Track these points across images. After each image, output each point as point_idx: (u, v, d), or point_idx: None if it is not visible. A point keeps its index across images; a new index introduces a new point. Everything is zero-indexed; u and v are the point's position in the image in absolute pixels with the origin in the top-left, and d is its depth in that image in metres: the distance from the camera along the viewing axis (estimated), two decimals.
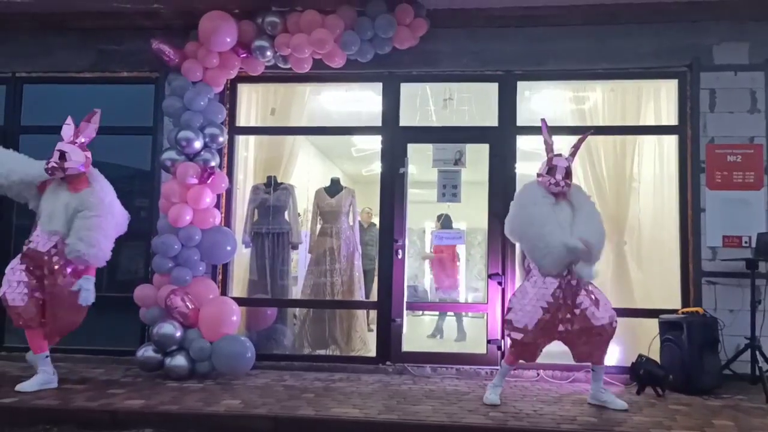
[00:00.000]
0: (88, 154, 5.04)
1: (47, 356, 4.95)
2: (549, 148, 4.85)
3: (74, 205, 4.84)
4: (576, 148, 4.91)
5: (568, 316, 4.60)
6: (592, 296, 4.65)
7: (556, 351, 5.15)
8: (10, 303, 4.80)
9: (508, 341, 4.80)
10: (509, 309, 4.74)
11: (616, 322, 4.68)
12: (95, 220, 4.80)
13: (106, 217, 4.87)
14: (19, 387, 4.79)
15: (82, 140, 5.01)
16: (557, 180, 4.66)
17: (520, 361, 4.80)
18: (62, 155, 4.84)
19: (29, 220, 5.12)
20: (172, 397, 4.73)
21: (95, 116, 5.07)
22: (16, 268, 4.87)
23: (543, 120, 4.95)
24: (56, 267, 4.81)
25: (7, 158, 5.02)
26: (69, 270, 4.86)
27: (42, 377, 4.90)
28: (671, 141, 6.09)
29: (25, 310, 4.79)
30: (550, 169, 4.70)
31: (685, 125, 5.91)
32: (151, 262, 5.76)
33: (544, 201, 4.67)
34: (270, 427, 4.23)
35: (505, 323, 4.74)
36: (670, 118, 6.07)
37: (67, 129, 5.01)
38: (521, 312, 4.63)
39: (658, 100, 6.27)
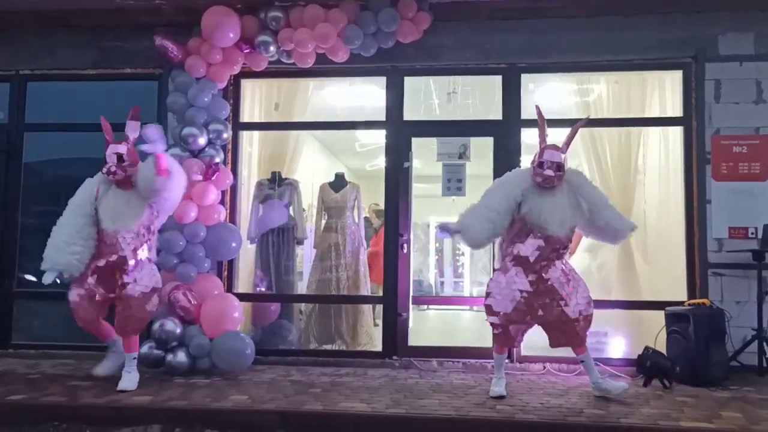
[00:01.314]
0: (135, 152, 5.04)
1: (114, 340, 5.07)
2: (542, 138, 4.83)
3: (134, 195, 4.92)
4: (570, 138, 4.87)
5: (547, 301, 4.61)
6: (568, 286, 4.63)
7: None
8: (72, 303, 4.87)
9: (490, 327, 4.80)
10: (487, 294, 4.77)
11: (591, 310, 4.66)
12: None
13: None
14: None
15: (131, 139, 5.01)
16: (547, 175, 4.64)
17: (506, 348, 4.84)
18: (120, 157, 4.86)
19: (35, 219, 5.12)
20: (180, 393, 4.74)
21: (137, 113, 5.05)
22: (86, 279, 4.90)
23: (537, 107, 4.94)
24: (127, 260, 4.86)
25: (57, 237, 4.91)
26: (133, 266, 4.91)
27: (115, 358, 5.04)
28: (676, 132, 6.06)
29: (82, 309, 4.86)
30: (541, 164, 4.68)
31: (690, 116, 5.88)
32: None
33: (521, 182, 4.72)
34: (278, 422, 4.23)
35: (485, 309, 4.76)
36: (675, 109, 6.04)
37: (108, 128, 5.00)
38: (499, 296, 4.66)
39: (663, 91, 6.25)
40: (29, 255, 6.58)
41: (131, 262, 4.87)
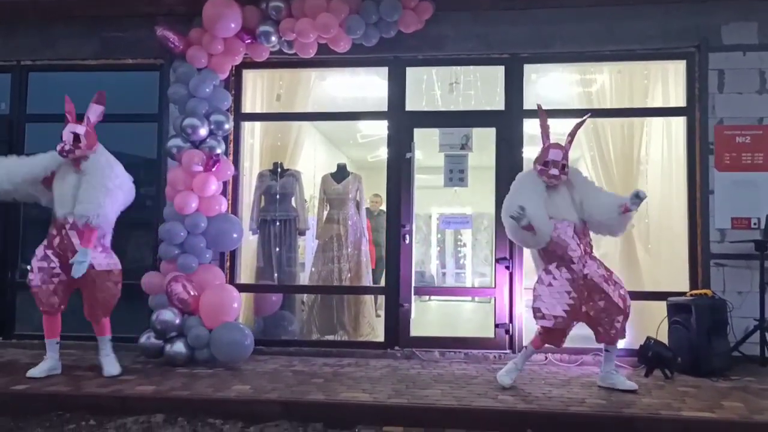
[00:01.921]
0: (94, 135, 5.01)
1: (58, 342, 5.00)
2: (545, 135, 4.84)
3: (82, 181, 4.86)
4: (572, 136, 4.87)
5: (590, 297, 4.62)
6: (608, 281, 4.64)
7: None
8: (33, 287, 4.89)
9: (538, 327, 4.77)
10: (536, 297, 4.72)
11: (629, 303, 4.69)
12: (95, 180, 4.81)
13: (109, 177, 4.86)
14: (29, 373, 4.85)
15: (91, 121, 5.00)
16: (552, 174, 4.68)
17: (546, 345, 4.82)
18: (76, 137, 4.84)
19: (36, 210, 5.14)
20: (183, 383, 4.76)
21: (102, 97, 5.07)
22: (40, 255, 4.92)
23: (539, 105, 4.95)
24: (77, 248, 4.82)
25: (5, 163, 5.03)
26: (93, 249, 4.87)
27: (50, 363, 4.96)
28: (679, 123, 6.04)
29: (43, 293, 4.86)
30: (546, 163, 4.71)
31: (693, 106, 5.86)
32: (158, 249, 5.76)
33: (537, 183, 4.75)
34: (280, 411, 4.24)
35: (533, 311, 4.73)
36: (678, 99, 6.02)
37: (71, 109, 5.00)
38: (549, 299, 4.64)
39: (666, 81, 6.22)
40: (31, 246, 6.57)
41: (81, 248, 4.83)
